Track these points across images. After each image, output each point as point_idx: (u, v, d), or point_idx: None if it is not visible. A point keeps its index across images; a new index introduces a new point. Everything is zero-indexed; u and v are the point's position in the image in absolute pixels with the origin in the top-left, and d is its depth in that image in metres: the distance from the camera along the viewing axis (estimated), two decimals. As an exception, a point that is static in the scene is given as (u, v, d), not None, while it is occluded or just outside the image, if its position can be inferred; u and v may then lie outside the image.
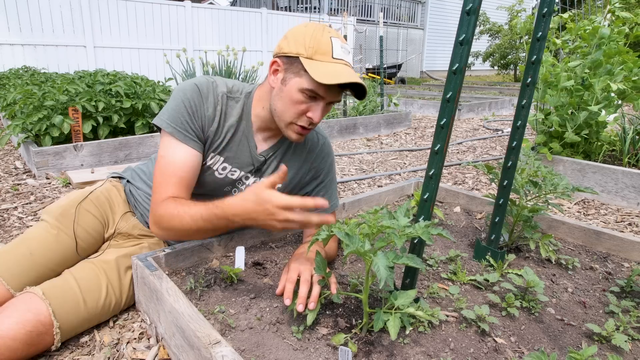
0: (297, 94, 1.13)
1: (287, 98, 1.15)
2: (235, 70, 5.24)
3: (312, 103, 1.15)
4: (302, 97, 1.13)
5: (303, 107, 1.14)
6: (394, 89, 9.57)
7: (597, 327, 1.10)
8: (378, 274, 0.88)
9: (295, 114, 1.16)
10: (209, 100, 1.23)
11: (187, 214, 1.11)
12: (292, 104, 1.15)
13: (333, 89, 1.12)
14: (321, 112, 1.16)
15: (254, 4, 15.51)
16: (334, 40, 1.12)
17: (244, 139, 1.29)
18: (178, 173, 1.18)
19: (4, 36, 7.11)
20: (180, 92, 1.22)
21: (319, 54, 1.10)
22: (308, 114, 1.15)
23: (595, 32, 2.63)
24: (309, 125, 1.18)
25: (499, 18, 14.06)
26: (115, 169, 2.95)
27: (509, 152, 1.43)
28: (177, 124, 1.19)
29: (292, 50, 1.13)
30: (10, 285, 1.18)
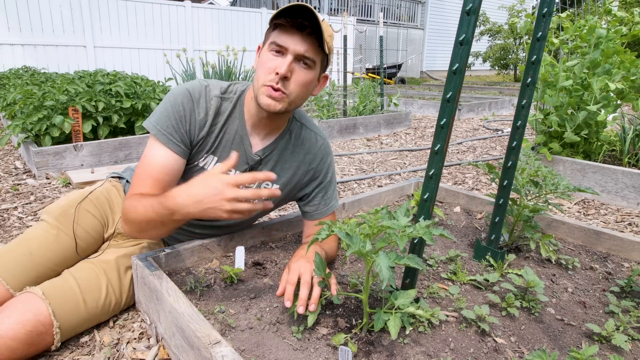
0: (266, 54, 1.16)
1: (260, 62, 1.18)
2: (235, 70, 5.24)
3: (279, 59, 1.14)
4: (270, 55, 1.15)
5: (271, 64, 1.14)
6: (394, 89, 9.57)
7: (597, 327, 1.10)
8: (380, 274, 0.88)
9: (264, 73, 1.16)
10: (200, 105, 1.23)
11: (141, 204, 1.10)
12: (262, 65, 1.16)
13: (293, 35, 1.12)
14: (287, 65, 1.12)
15: (254, 4, 15.51)
16: None
17: (238, 138, 1.29)
18: (154, 174, 1.19)
19: (4, 36, 7.11)
20: (170, 97, 1.22)
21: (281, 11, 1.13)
22: (275, 69, 1.14)
23: (593, 32, 2.63)
24: (277, 83, 1.14)
25: (499, 18, 14.07)
26: (115, 169, 2.95)
27: (509, 152, 1.43)
28: (162, 127, 1.20)
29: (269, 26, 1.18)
30: (10, 285, 1.18)
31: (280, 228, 1.65)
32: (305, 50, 1.13)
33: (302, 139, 1.38)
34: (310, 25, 1.12)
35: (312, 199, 1.43)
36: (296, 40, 1.12)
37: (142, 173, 1.20)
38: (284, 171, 1.37)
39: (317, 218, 1.42)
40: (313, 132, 1.41)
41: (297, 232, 1.69)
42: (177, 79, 5.20)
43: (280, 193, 0.99)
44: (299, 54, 1.13)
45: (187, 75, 5.17)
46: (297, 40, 1.13)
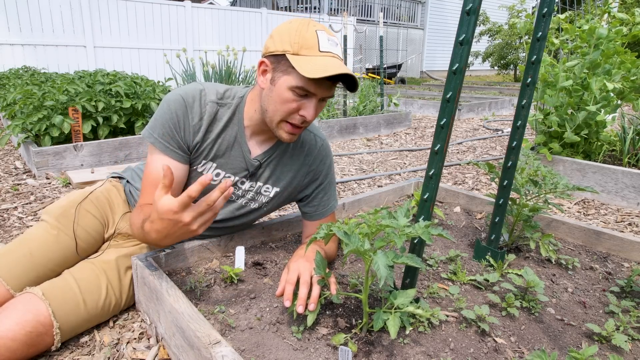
0: (287, 93, 1.10)
1: (277, 97, 1.12)
2: (235, 70, 5.24)
3: (303, 100, 1.12)
4: (292, 95, 1.10)
5: (294, 105, 1.12)
6: (394, 89, 9.57)
7: (597, 327, 1.10)
8: (378, 272, 0.88)
9: (286, 112, 1.13)
10: (193, 110, 1.22)
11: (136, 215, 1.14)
12: (282, 103, 1.12)
13: (323, 83, 1.09)
14: (314, 109, 1.13)
15: (254, 4, 15.52)
16: (319, 34, 1.09)
17: (237, 144, 1.28)
18: (156, 183, 1.19)
19: (4, 36, 7.11)
20: (165, 104, 1.22)
21: (305, 49, 1.08)
22: (300, 112, 1.13)
23: (593, 33, 2.63)
24: (301, 123, 1.15)
25: (499, 18, 14.07)
26: (115, 169, 2.95)
27: (509, 152, 1.43)
28: (159, 135, 1.20)
29: (278, 48, 1.10)
30: (10, 286, 1.18)
31: (280, 228, 1.65)
32: (332, 94, 1.15)
33: (302, 141, 1.38)
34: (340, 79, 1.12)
35: (311, 199, 1.43)
36: (325, 88, 1.12)
37: (145, 183, 1.21)
38: (283, 174, 1.37)
39: (316, 219, 1.42)
40: (312, 134, 1.40)
41: (297, 232, 1.69)
42: (177, 79, 5.20)
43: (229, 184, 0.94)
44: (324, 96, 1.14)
45: (187, 75, 5.17)
46: (326, 88, 1.12)
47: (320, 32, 1.10)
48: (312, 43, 1.08)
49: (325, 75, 1.04)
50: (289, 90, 1.10)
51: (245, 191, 1.37)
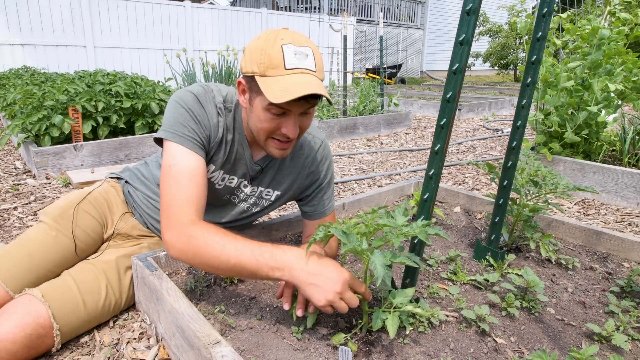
0: (264, 113, 1.08)
1: (256, 118, 1.11)
2: (235, 70, 5.24)
3: (282, 119, 1.09)
4: (269, 115, 1.08)
5: (274, 124, 1.10)
6: (394, 89, 9.57)
7: (597, 327, 1.10)
8: (375, 271, 0.88)
9: (267, 131, 1.11)
10: (209, 110, 1.19)
11: (231, 244, 1.02)
12: (262, 123, 1.10)
13: (295, 102, 1.04)
14: (293, 126, 1.09)
15: (254, 4, 15.52)
16: (285, 49, 1.03)
17: (240, 148, 1.27)
18: (193, 182, 1.11)
19: (4, 36, 7.11)
20: (180, 102, 1.17)
21: (271, 69, 1.03)
22: (282, 129, 1.10)
23: (595, 33, 2.63)
24: (285, 140, 1.14)
25: (499, 18, 14.07)
26: (115, 169, 2.95)
27: (509, 152, 1.43)
28: (184, 132, 1.14)
29: (248, 69, 1.06)
30: (9, 287, 1.18)
31: (280, 228, 1.65)
32: (309, 107, 1.10)
33: (301, 144, 1.37)
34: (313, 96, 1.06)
35: (311, 199, 1.43)
36: (299, 106, 1.07)
37: (181, 184, 1.09)
38: (284, 178, 1.37)
39: (316, 218, 1.42)
40: (311, 135, 1.40)
41: (297, 232, 1.69)
42: (177, 79, 5.20)
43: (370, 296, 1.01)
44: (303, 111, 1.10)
45: (187, 75, 5.17)
46: (300, 106, 1.07)
47: (286, 46, 1.03)
48: (278, 62, 1.02)
49: (290, 99, 0.99)
50: (265, 111, 1.08)
51: (248, 196, 1.36)
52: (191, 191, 1.10)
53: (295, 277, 0.99)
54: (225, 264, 1.02)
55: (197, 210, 1.10)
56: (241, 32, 9.97)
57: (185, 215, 1.07)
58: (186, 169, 1.11)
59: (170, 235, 1.07)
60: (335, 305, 0.97)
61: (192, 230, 1.05)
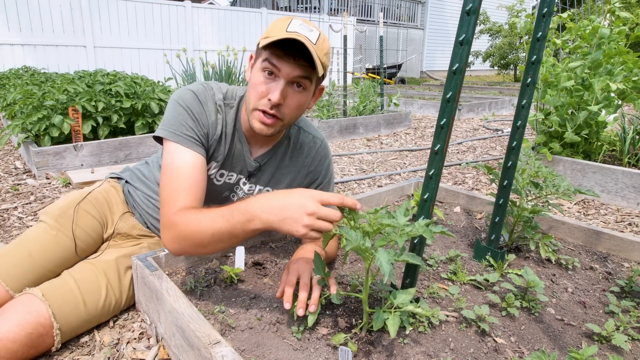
0: (258, 75, 1.12)
1: (252, 83, 1.14)
2: (235, 70, 5.24)
3: (271, 83, 1.11)
4: (262, 77, 1.11)
5: (263, 88, 1.12)
6: (394, 89, 9.57)
7: (597, 327, 1.10)
8: (381, 268, 0.87)
9: (256, 97, 1.13)
10: (209, 108, 1.21)
11: (205, 216, 1.03)
12: (253, 88, 1.13)
13: (286, 60, 1.08)
14: (280, 91, 1.10)
15: (254, 4, 15.51)
16: (293, 21, 1.10)
17: (239, 144, 1.28)
18: (190, 179, 1.13)
19: (4, 36, 7.11)
20: (179, 100, 1.19)
21: (274, 32, 1.08)
22: (269, 95, 1.12)
23: (596, 32, 2.63)
24: (270, 108, 1.13)
25: (499, 18, 14.07)
26: (115, 169, 2.95)
27: (509, 152, 1.43)
28: (182, 130, 1.16)
29: (258, 40, 1.13)
30: (9, 287, 1.18)
31: (280, 228, 1.65)
32: (298, 74, 1.10)
33: (301, 143, 1.38)
34: (303, 57, 1.09)
35: (311, 199, 1.42)
36: (289, 66, 1.09)
37: (176, 181, 1.12)
38: (284, 176, 1.37)
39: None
40: (311, 135, 1.40)
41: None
42: (177, 79, 5.20)
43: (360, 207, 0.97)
44: (292, 79, 1.11)
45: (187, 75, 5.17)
46: (290, 66, 1.09)
47: (295, 20, 1.11)
48: (282, 26, 1.09)
49: (274, 40, 1.04)
50: (259, 72, 1.12)
51: (246, 194, 1.37)
52: (187, 188, 1.12)
53: (266, 221, 0.96)
54: (207, 236, 1.02)
55: (190, 203, 1.11)
56: (241, 32, 9.97)
57: (172, 209, 1.09)
58: (183, 168, 1.14)
59: (164, 231, 1.10)
60: (317, 227, 0.92)
61: (174, 218, 1.07)
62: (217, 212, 1.03)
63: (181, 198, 1.10)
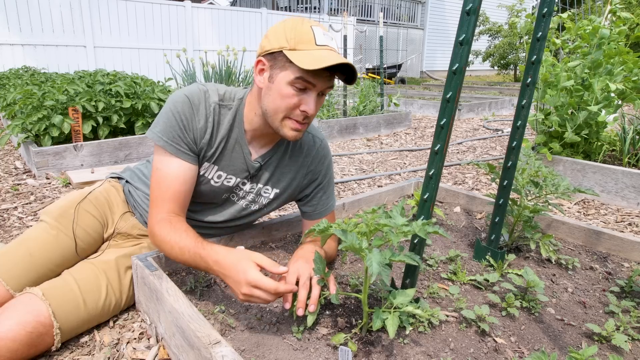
0: (287, 88, 1.10)
1: (277, 94, 1.12)
2: (235, 70, 5.24)
3: (303, 95, 1.11)
4: (292, 90, 1.10)
5: (294, 100, 1.11)
6: (394, 89, 9.57)
7: (597, 327, 1.10)
8: (370, 269, 0.88)
9: (287, 109, 1.13)
10: (199, 112, 1.21)
11: (177, 245, 1.13)
12: (282, 99, 1.12)
13: (322, 75, 1.09)
14: (314, 104, 1.12)
15: (254, 4, 15.51)
16: (315, 29, 1.10)
17: (238, 146, 1.28)
18: (173, 187, 1.19)
19: (4, 36, 7.11)
20: (171, 105, 1.20)
21: (302, 44, 1.08)
22: (301, 107, 1.12)
23: (596, 32, 2.63)
24: (303, 119, 1.15)
25: (499, 18, 14.07)
26: (115, 169, 2.95)
27: (509, 152, 1.43)
28: (169, 137, 1.19)
29: (274, 46, 1.10)
30: (10, 286, 1.18)
31: (280, 228, 1.65)
32: (329, 86, 1.14)
33: (301, 142, 1.38)
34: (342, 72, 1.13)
35: (310, 199, 1.43)
36: (324, 81, 1.11)
37: (161, 187, 1.20)
38: (283, 176, 1.37)
39: (316, 218, 1.42)
40: (311, 134, 1.40)
41: (297, 232, 1.69)
42: (177, 79, 5.20)
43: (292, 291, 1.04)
44: (323, 90, 1.14)
45: (187, 75, 5.17)
46: (324, 81, 1.11)
47: (315, 27, 1.11)
48: (309, 37, 1.08)
49: (325, 66, 1.03)
50: (288, 86, 1.10)
51: (246, 193, 1.37)
52: (171, 196, 1.20)
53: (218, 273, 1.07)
54: (176, 258, 1.15)
55: (173, 209, 1.20)
56: (241, 32, 9.96)
57: (157, 216, 1.19)
58: (169, 175, 1.20)
59: (149, 234, 1.22)
60: (254, 301, 1.01)
61: (155, 228, 1.18)
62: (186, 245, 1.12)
63: (166, 205, 1.19)
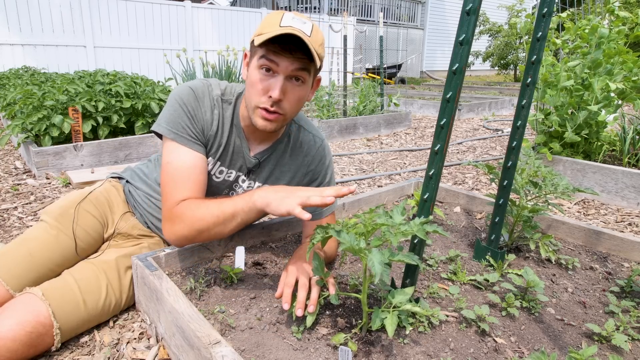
0: (256, 73, 1.12)
1: (250, 82, 1.14)
2: (235, 70, 5.24)
3: (270, 80, 1.11)
4: (260, 74, 1.11)
5: (263, 85, 1.12)
6: (394, 89, 9.57)
7: (597, 327, 1.10)
8: (373, 269, 0.88)
9: (256, 95, 1.13)
10: (205, 104, 1.22)
11: (212, 202, 1.13)
12: (253, 86, 1.13)
13: (283, 55, 1.08)
14: (280, 88, 1.10)
15: (254, 4, 15.51)
16: (285, 15, 1.10)
17: (238, 141, 1.29)
18: (190, 177, 1.18)
19: (4, 36, 7.11)
20: (176, 97, 1.21)
21: (267, 27, 1.08)
22: (269, 92, 1.12)
23: (595, 32, 2.63)
24: (271, 105, 1.13)
25: (499, 18, 14.07)
26: (115, 169, 2.95)
27: (509, 152, 1.43)
28: (178, 129, 1.19)
29: (252, 37, 1.13)
30: (9, 286, 1.18)
31: (280, 228, 1.65)
32: (296, 67, 1.11)
33: (301, 141, 1.38)
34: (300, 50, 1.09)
35: (311, 199, 1.43)
36: (287, 61, 1.10)
37: (176, 179, 1.18)
38: (283, 174, 1.37)
39: (316, 218, 1.42)
40: (311, 134, 1.40)
41: (297, 232, 1.69)
42: (177, 79, 5.20)
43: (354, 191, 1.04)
44: (291, 73, 1.11)
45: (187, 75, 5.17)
46: (287, 61, 1.10)
47: (287, 14, 1.11)
48: (274, 21, 1.09)
49: (270, 37, 1.03)
50: (257, 70, 1.12)
51: (245, 190, 1.37)
52: (187, 185, 1.18)
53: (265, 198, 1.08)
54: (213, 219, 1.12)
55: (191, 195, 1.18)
56: (241, 32, 9.96)
57: (175, 201, 1.17)
58: (183, 166, 1.18)
59: (166, 223, 1.19)
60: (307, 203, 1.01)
61: (178, 209, 1.16)
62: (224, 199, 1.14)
63: (182, 192, 1.17)
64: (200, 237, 1.19)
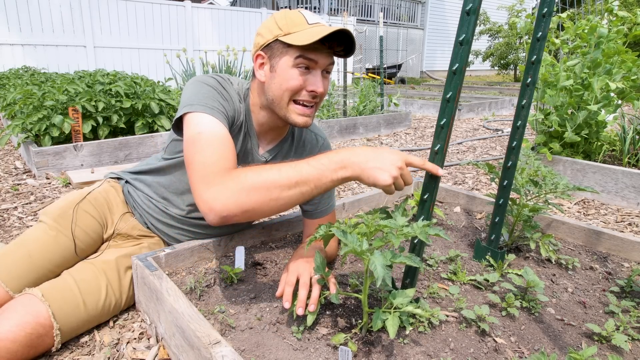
0: (290, 71, 1.10)
1: (282, 79, 1.11)
2: (235, 70, 5.24)
3: (308, 76, 1.11)
4: (296, 72, 1.10)
5: (299, 81, 1.11)
6: (394, 89, 9.57)
7: (597, 327, 1.10)
8: (375, 272, 0.88)
9: (292, 91, 1.12)
10: (230, 93, 1.20)
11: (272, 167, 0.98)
12: (287, 82, 1.11)
13: (322, 50, 1.09)
14: (321, 81, 1.12)
15: (254, 4, 15.51)
16: (303, 12, 1.13)
17: (248, 138, 1.28)
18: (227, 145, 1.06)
19: (4, 36, 7.11)
20: (205, 81, 1.16)
21: (295, 26, 1.09)
22: (308, 87, 1.12)
23: (594, 31, 2.63)
24: (312, 99, 1.14)
25: (499, 18, 14.08)
26: (115, 169, 2.95)
27: (509, 152, 1.43)
28: (214, 105, 1.11)
29: (268, 37, 1.12)
30: (9, 287, 1.18)
31: (280, 228, 1.65)
32: (331, 62, 1.14)
33: (303, 140, 1.39)
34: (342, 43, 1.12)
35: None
36: (325, 57, 1.11)
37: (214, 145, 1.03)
38: None
39: (317, 217, 1.42)
40: (313, 133, 1.41)
41: (297, 232, 1.69)
42: (177, 79, 5.20)
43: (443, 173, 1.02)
44: (325, 67, 1.13)
45: (187, 76, 5.17)
46: (325, 57, 1.11)
47: (303, 11, 1.14)
48: (300, 20, 1.10)
49: (322, 36, 1.03)
50: (291, 69, 1.10)
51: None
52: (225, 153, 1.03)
53: (357, 170, 0.97)
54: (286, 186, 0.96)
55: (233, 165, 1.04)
56: (241, 32, 9.96)
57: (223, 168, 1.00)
58: (217, 135, 1.05)
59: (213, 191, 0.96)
60: (398, 182, 0.98)
61: (234, 175, 0.98)
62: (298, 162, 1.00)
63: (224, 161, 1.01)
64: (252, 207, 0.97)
